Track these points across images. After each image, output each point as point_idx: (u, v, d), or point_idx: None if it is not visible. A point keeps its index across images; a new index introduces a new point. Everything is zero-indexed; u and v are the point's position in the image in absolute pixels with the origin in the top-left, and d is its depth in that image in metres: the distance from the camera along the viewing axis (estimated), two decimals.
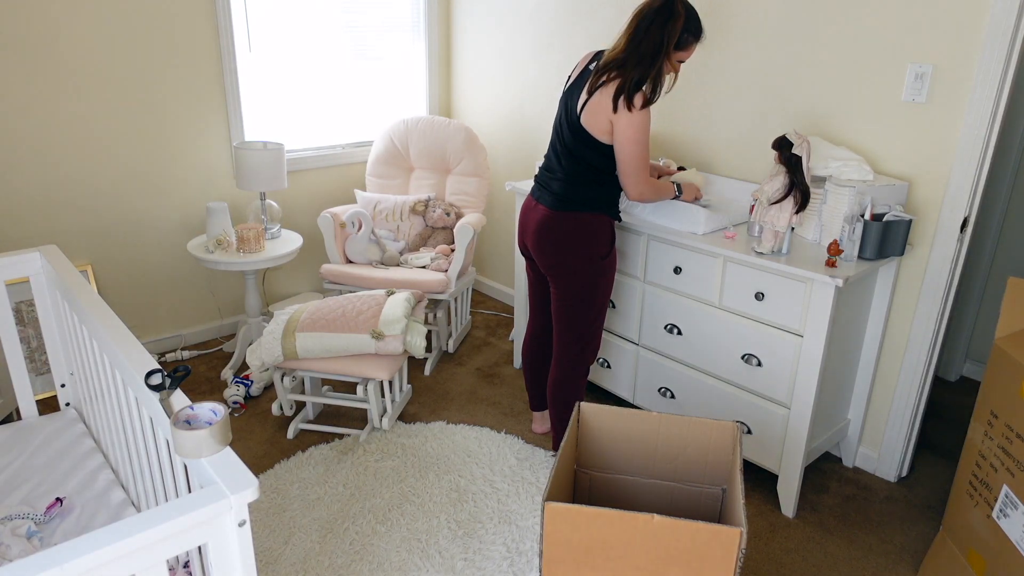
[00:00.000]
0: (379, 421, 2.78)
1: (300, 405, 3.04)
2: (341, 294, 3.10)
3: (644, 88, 2.16)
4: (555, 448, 2.68)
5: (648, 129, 2.21)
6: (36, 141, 2.94)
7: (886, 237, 2.26)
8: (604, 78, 2.20)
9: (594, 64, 2.29)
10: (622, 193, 2.41)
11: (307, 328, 2.63)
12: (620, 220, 2.48)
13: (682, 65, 2.69)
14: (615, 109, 2.17)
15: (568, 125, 2.31)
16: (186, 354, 3.45)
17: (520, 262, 3.17)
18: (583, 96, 2.25)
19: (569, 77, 2.37)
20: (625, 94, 2.15)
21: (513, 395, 3.16)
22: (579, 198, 2.33)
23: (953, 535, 2.06)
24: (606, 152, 2.28)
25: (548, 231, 2.38)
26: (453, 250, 3.44)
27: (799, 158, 2.22)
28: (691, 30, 2.20)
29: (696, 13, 2.21)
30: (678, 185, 2.56)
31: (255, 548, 2.24)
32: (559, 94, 3.50)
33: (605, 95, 2.19)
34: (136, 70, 3.09)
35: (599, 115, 2.21)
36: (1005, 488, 1.81)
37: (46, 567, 0.97)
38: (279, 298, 3.82)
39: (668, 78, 2.25)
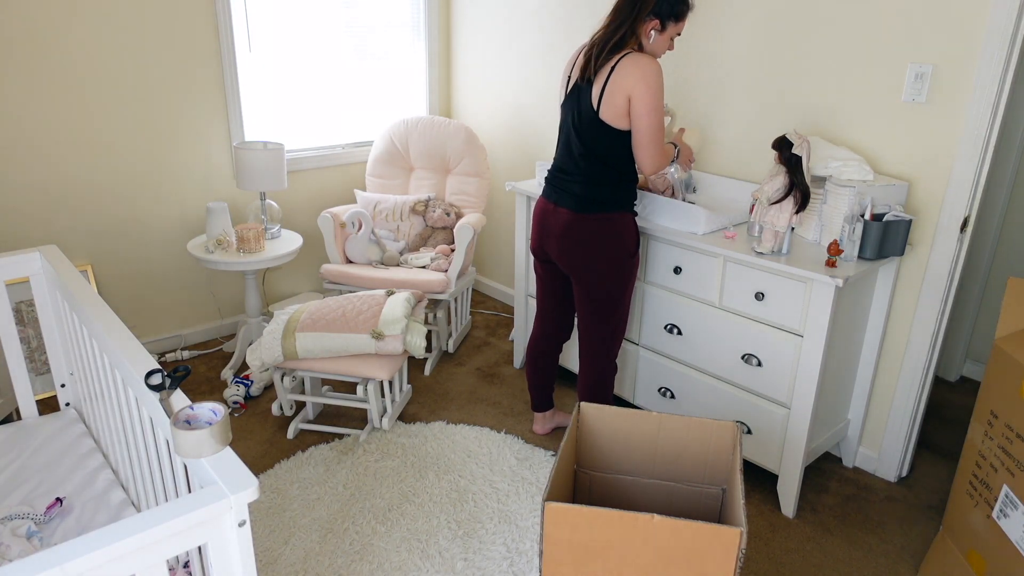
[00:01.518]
0: (379, 421, 2.78)
1: (300, 405, 3.04)
2: (341, 294, 3.10)
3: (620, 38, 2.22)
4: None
5: (662, 95, 2.21)
6: (36, 141, 2.94)
7: (886, 237, 2.26)
8: (605, 61, 2.21)
9: (597, 58, 2.26)
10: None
11: (307, 328, 2.63)
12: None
13: (678, 57, 2.68)
14: (610, 70, 2.17)
15: (585, 124, 2.29)
16: (186, 354, 3.45)
17: (522, 262, 3.17)
18: (596, 90, 2.23)
19: (568, 80, 2.36)
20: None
21: (513, 395, 3.16)
22: (602, 198, 2.32)
23: (953, 535, 2.05)
24: (627, 142, 2.27)
25: (575, 233, 2.36)
26: (453, 250, 3.44)
27: (799, 158, 2.22)
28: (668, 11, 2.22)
29: None
30: (676, 148, 2.55)
31: (255, 548, 2.24)
32: (558, 95, 3.50)
33: (621, 75, 2.18)
34: (136, 70, 3.09)
35: (616, 96, 2.19)
36: (1005, 488, 1.81)
37: (46, 567, 0.97)
38: (279, 298, 3.82)
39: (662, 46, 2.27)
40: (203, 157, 3.37)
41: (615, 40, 2.21)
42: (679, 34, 2.29)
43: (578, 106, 2.30)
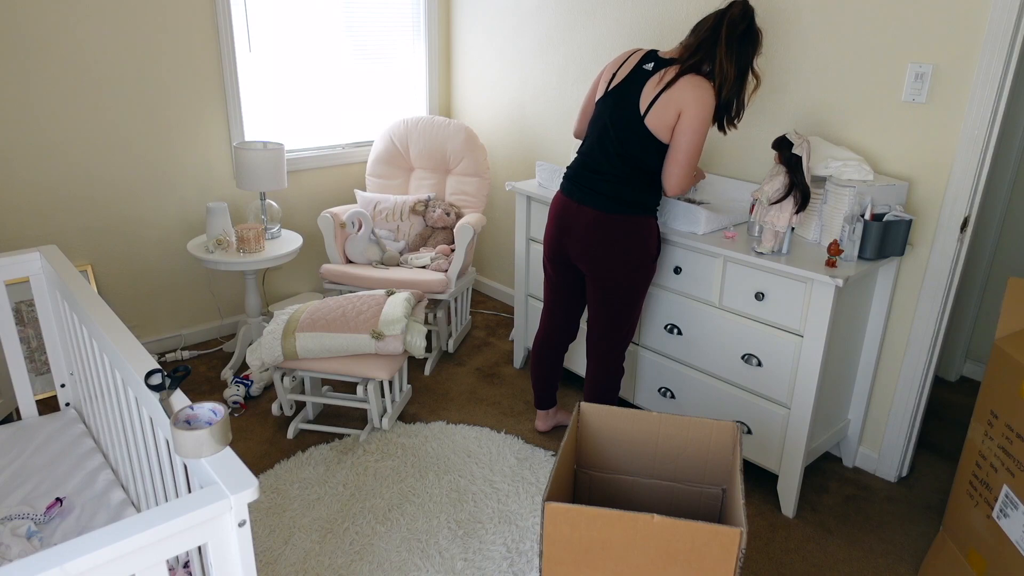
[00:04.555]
0: (379, 421, 2.78)
1: (300, 405, 3.04)
2: (341, 294, 3.10)
3: (736, 112, 2.28)
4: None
5: (710, 123, 2.23)
6: (36, 141, 2.94)
7: (886, 237, 2.26)
8: (677, 76, 2.21)
9: (651, 65, 2.27)
10: None
11: (307, 328, 2.63)
12: None
13: None
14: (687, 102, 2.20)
15: (626, 126, 2.27)
16: (186, 354, 3.45)
17: (522, 263, 3.17)
18: (648, 97, 2.23)
19: (614, 76, 2.34)
20: (722, 114, 2.27)
21: (513, 395, 3.16)
22: (630, 199, 2.31)
23: (953, 535, 2.06)
24: (663, 152, 2.28)
25: (600, 234, 2.34)
26: (453, 250, 3.44)
27: (799, 158, 2.22)
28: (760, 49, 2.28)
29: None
30: None
31: (255, 548, 2.24)
32: (560, 94, 3.51)
33: (679, 90, 2.19)
34: (136, 70, 3.09)
35: (669, 109, 2.20)
36: (1005, 488, 1.81)
37: (46, 567, 0.97)
38: (279, 298, 3.82)
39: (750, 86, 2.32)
40: (203, 157, 3.37)
41: (692, 62, 2.23)
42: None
43: (620, 106, 2.28)
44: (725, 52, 2.19)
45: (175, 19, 3.12)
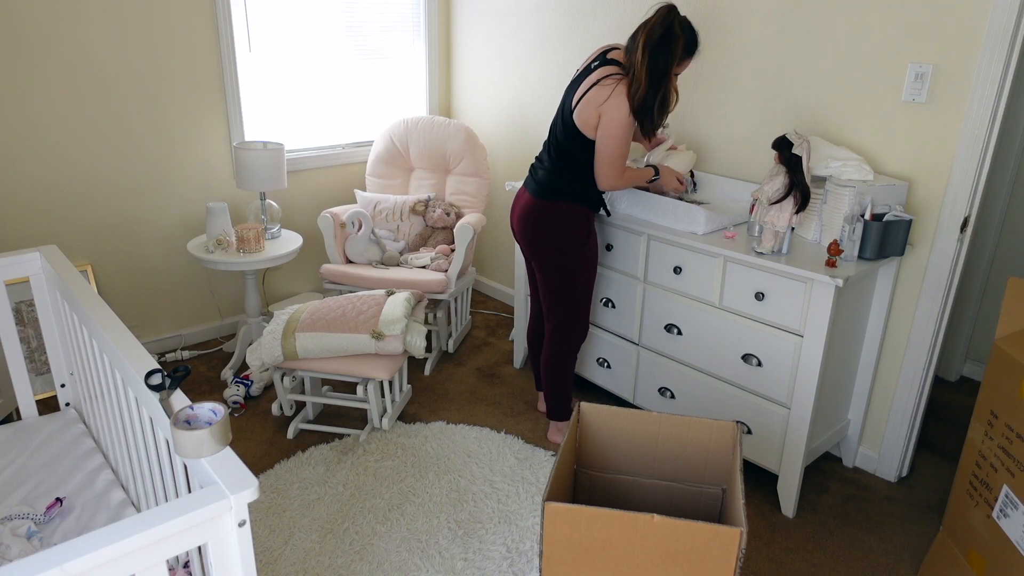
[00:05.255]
0: (379, 421, 2.78)
1: (300, 405, 3.04)
2: (341, 294, 3.10)
3: (656, 115, 2.31)
4: (549, 416, 2.81)
5: (630, 127, 2.31)
6: (36, 141, 2.94)
7: (886, 237, 2.26)
8: (601, 78, 2.30)
9: (596, 63, 2.36)
10: None
11: (307, 328, 2.63)
12: (608, 214, 2.62)
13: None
14: (604, 102, 2.27)
15: (564, 119, 2.41)
16: (186, 354, 3.45)
17: (521, 262, 3.17)
18: (578, 95, 2.34)
19: (578, 70, 2.45)
20: (640, 118, 2.30)
21: (513, 395, 3.16)
22: (559, 187, 2.44)
23: (953, 535, 2.05)
24: (591, 149, 2.38)
25: (528, 218, 2.51)
26: (453, 250, 3.44)
27: (799, 158, 2.22)
28: (687, 48, 2.30)
29: (693, 29, 2.30)
30: (656, 170, 2.58)
31: (255, 548, 2.24)
32: (560, 94, 3.51)
33: (599, 93, 2.28)
34: (136, 70, 3.09)
35: (589, 108, 2.30)
36: (1005, 488, 1.81)
37: (46, 567, 0.97)
38: (279, 298, 3.82)
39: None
40: (203, 157, 3.37)
41: (617, 69, 2.30)
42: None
43: (565, 100, 2.42)
44: (639, 59, 2.24)
45: (175, 19, 3.12)
